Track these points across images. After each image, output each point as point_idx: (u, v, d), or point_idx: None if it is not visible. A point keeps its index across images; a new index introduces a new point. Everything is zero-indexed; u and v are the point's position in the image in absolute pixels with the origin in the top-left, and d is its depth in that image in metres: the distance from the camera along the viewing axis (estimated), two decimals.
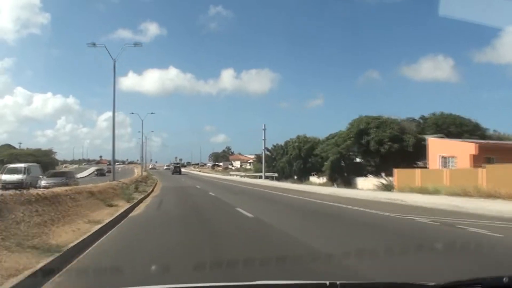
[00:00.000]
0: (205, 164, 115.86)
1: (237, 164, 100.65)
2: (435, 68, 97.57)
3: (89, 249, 6.78)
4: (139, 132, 62.93)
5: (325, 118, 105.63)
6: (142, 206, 15.47)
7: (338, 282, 2.36)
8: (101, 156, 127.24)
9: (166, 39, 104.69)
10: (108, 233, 8.62)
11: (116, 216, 10.79)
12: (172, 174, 69.03)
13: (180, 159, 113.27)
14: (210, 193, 23.64)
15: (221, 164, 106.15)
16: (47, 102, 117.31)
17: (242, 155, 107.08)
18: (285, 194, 23.05)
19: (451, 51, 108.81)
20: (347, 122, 39.01)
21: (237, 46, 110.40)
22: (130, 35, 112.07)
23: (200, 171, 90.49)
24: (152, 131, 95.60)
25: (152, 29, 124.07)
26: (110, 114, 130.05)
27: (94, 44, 26.51)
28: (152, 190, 25.84)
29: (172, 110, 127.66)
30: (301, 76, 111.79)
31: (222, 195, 22.14)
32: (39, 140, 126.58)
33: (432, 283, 2.39)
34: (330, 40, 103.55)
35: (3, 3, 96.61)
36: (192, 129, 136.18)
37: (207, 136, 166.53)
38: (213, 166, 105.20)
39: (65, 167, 78.48)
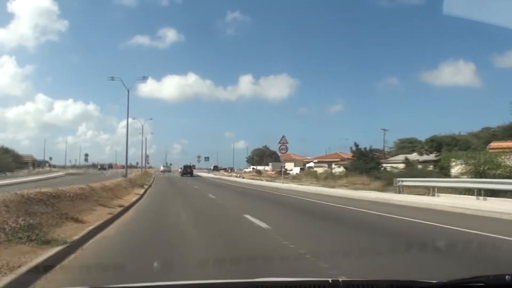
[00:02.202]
0: (232, 169, 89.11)
1: (290, 166, 67.82)
2: (455, 73, 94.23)
3: None
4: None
5: (347, 125, 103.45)
6: None
7: (340, 280, 2.31)
8: (86, 154, 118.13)
9: (185, 45, 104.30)
10: None
11: None
12: (182, 176, 56.44)
13: (206, 158, 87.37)
14: None
15: (262, 168, 75.13)
16: (68, 109, 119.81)
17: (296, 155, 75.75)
18: None
19: (471, 55, 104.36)
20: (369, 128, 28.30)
21: (255, 52, 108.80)
22: (148, 41, 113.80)
23: (241, 177, 56.47)
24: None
25: (170, 35, 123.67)
26: (130, 120, 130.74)
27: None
28: None
29: (192, 117, 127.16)
30: (320, 82, 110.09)
31: None
32: (59, 147, 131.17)
33: (435, 281, 2.30)
34: (349, 45, 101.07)
35: (22, 10, 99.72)
36: (212, 135, 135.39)
37: (227, 142, 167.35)
38: (258, 171, 70.09)
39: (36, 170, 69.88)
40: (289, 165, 66.90)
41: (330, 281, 2.32)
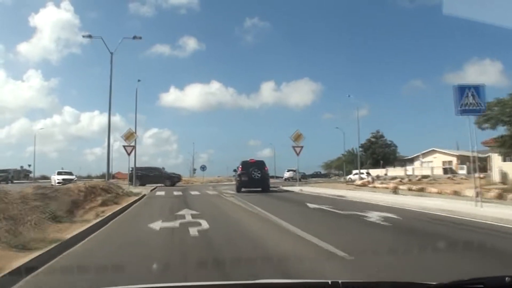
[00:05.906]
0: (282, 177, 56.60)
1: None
2: (481, 73, 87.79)
3: None
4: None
5: (373, 129, 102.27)
6: None
7: (340, 281, 2.32)
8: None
9: (205, 53, 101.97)
10: None
11: None
12: (238, 191, 22.61)
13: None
14: None
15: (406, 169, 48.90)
16: (94, 120, 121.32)
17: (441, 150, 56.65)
18: None
19: (498, 54, 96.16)
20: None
21: (276, 57, 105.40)
22: (168, 50, 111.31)
23: None
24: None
25: (191, 43, 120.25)
26: (155, 130, 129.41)
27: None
28: None
29: (217, 126, 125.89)
30: (343, 86, 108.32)
31: None
32: (87, 158, 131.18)
33: (434, 283, 2.32)
34: (371, 48, 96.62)
35: (44, 24, 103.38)
36: (237, 144, 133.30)
37: (251, 150, 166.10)
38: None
39: None
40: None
41: (330, 283, 2.33)
